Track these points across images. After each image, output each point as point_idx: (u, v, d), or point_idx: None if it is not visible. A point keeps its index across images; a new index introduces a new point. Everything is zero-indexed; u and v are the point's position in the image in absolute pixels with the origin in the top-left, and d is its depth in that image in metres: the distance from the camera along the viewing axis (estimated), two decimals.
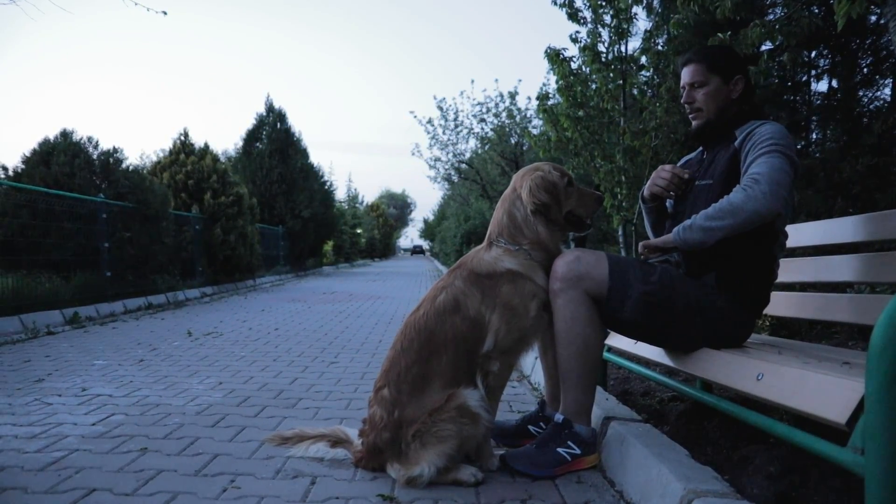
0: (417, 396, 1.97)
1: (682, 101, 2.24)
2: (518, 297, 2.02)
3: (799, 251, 2.55)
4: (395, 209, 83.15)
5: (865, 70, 4.97)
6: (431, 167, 26.01)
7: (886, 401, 1.12)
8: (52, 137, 8.54)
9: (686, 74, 2.20)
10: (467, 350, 2.01)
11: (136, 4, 6.55)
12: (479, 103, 23.15)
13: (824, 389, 1.36)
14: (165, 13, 6.89)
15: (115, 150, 8.93)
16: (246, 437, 2.45)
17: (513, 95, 21.79)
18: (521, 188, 2.14)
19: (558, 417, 2.05)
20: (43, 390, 3.29)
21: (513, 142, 22.18)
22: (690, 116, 2.23)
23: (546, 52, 6.22)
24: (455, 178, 26.54)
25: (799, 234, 2.44)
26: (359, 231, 39.53)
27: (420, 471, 1.88)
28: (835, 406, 1.29)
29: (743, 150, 2.03)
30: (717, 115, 2.16)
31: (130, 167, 9.18)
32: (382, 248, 56.04)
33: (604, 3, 5.91)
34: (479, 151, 23.86)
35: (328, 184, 23.64)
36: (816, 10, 4.66)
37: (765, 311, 2.56)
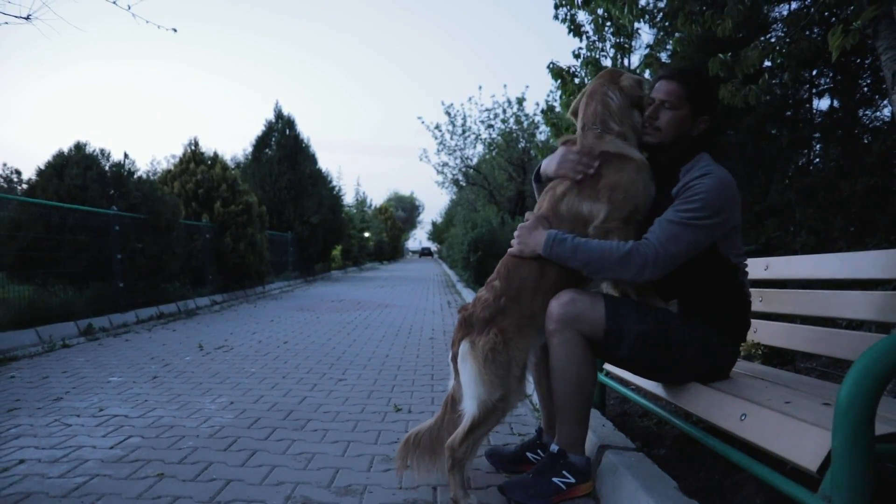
0: (520, 298, 2.09)
1: (645, 113, 2.15)
2: (620, 173, 2.04)
3: (792, 283, 2.63)
4: (403, 212, 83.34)
5: (865, 89, 5.02)
6: (439, 172, 26.24)
7: (850, 457, 1.21)
8: (66, 150, 8.70)
9: (662, 89, 2.12)
10: None
11: (147, 22, 6.68)
12: (486, 109, 23.34)
13: (800, 435, 1.44)
14: (175, 30, 7.04)
15: (127, 158, 9.08)
16: (257, 461, 2.56)
17: (520, 101, 21.95)
18: (615, 80, 2.14)
19: (554, 448, 2.13)
20: (62, 410, 3.41)
21: (520, 147, 22.28)
22: (645, 130, 2.14)
23: (549, 67, 6.31)
24: (463, 183, 26.68)
25: (793, 266, 2.53)
26: (367, 234, 39.70)
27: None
28: (807, 453, 1.38)
29: (678, 197, 2.02)
30: (671, 143, 2.12)
31: (142, 177, 9.33)
32: (391, 250, 56.23)
33: (604, 20, 5.97)
34: (487, 157, 23.98)
35: (337, 189, 23.82)
36: (816, 31, 4.71)
37: (758, 341, 2.67)
